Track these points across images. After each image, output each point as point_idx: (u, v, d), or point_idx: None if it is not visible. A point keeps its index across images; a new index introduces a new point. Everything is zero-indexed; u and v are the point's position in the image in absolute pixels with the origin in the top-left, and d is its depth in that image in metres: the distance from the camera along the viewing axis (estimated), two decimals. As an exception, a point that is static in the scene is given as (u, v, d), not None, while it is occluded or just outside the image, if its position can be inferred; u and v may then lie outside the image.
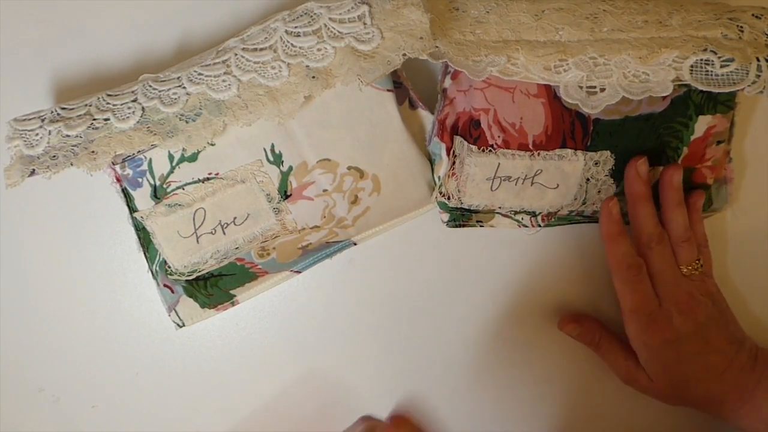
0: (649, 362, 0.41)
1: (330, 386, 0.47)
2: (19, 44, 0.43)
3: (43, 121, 0.38)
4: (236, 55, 0.37)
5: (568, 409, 0.48)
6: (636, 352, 0.42)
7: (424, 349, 0.47)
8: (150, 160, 0.40)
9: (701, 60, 0.38)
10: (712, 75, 0.38)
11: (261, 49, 0.37)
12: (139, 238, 0.42)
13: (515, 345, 0.47)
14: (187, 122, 0.37)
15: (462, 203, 0.43)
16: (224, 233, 0.42)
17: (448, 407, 0.47)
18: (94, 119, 0.37)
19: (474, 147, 0.41)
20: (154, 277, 0.43)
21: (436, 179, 0.43)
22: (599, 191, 0.43)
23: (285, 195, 0.42)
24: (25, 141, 0.37)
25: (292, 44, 0.37)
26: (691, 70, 0.38)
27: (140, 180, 0.40)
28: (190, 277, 0.42)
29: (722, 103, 0.41)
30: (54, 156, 0.37)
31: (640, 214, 0.41)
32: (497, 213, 0.44)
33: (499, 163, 0.42)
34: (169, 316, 0.43)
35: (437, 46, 0.38)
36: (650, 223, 0.41)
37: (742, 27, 0.38)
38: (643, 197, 0.41)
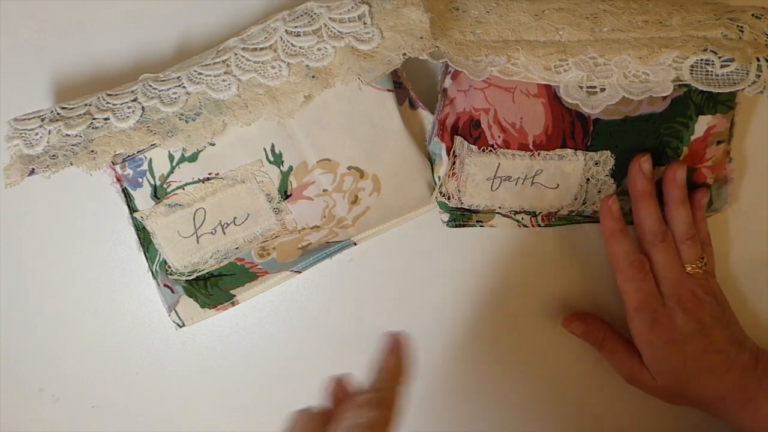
0: (652, 361, 0.41)
1: (330, 386, 0.47)
2: (19, 44, 0.43)
3: (42, 120, 0.38)
4: (236, 54, 0.37)
5: (570, 409, 0.47)
6: (640, 350, 0.42)
7: (424, 349, 0.47)
8: (150, 160, 0.40)
9: (701, 60, 0.38)
10: (712, 75, 0.38)
11: (261, 49, 0.37)
12: (139, 238, 0.42)
13: (516, 345, 0.47)
14: (186, 122, 0.37)
15: (462, 203, 0.43)
16: (224, 233, 0.42)
17: (449, 407, 0.47)
18: (94, 119, 0.37)
19: (474, 147, 0.41)
20: (154, 277, 0.43)
21: (436, 179, 0.43)
22: (599, 191, 0.43)
23: (285, 195, 0.42)
24: (24, 140, 0.37)
25: (292, 44, 0.37)
26: (691, 70, 0.38)
27: (140, 180, 0.40)
28: (190, 277, 0.42)
29: (722, 103, 0.41)
30: (54, 155, 0.37)
31: (643, 212, 0.41)
32: (497, 213, 0.44)
33: (499, 163, 0.42)
34: (169, 316, 0.43)
35: (437, 46, 0.38)
36: (654, 221, 0.41)
37: (742, 27, 0.38)
38: (647, 194, 0.41)
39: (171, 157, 0.40)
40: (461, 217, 0.44)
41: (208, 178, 0.41)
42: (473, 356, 0.47)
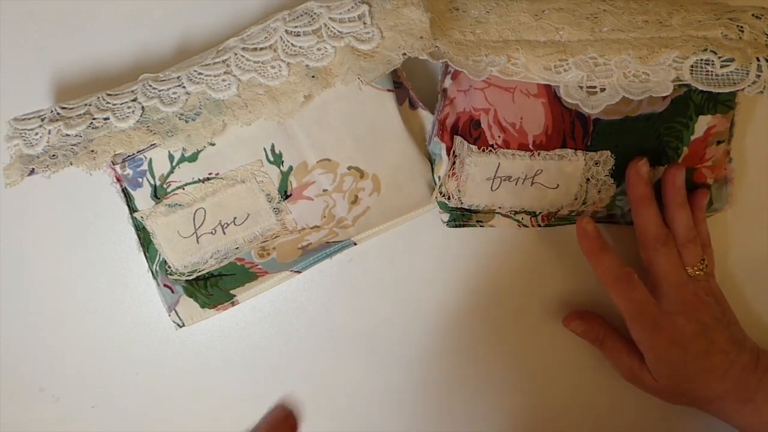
0: (655, 363, 0.41)
1: (329, 386, 0.47)
2: (19, 44, 0.43)
3: (42, 120, 0.38)
4: (236, 54, 0.37)
5: (570, 408, 0.47)
6: (643, 354, 0.42)
7: (424, 349, 0.47)
8: (150, 160, 0.40)
9: (701, 60, 0.38)
10: (712, 75, 0.38)
11: (261, 49, 0.37)
12: (139, 238, 0.42)
13: (516, 344, 0.47)
14: (186, 122, 0.37)
15: (462, 203, 0.43)
16: (224, 233, 0.41)
17: (450, 406, 0.47)
18: (94, 118, 0.37)
19: (474, 147, 0.41)
20: (154, 277, 0.43)
21: (436, 179, 0.43)
22: (599, 191, 0.43)
23: (285, 195, 0.42)
24: (24, 140, 0.37)
25: (292, 44, 0.37)
26: (692, 70, 0.38)
27: (140, 180, 0.40)
28: (190, 277, 0.42)
29: (722, 103, 0.41)
30: (53, 155, 0.37)
31: (643, 216, 0.41)
32: (497, 213, 0.44)
33: (499, 163, 0.42)
34: (169, 316, 0.43)
35: (437, 46, 0.38)
36: (655, 225, 0.41)
37: (742, 27, 0.38)
38: (646, 199, 0.41)
39: (171, 157, 0.40)
40: (461, 217, 0.44)
41: (208, 178, 0.41)
42: (473, 356, 0.47)
